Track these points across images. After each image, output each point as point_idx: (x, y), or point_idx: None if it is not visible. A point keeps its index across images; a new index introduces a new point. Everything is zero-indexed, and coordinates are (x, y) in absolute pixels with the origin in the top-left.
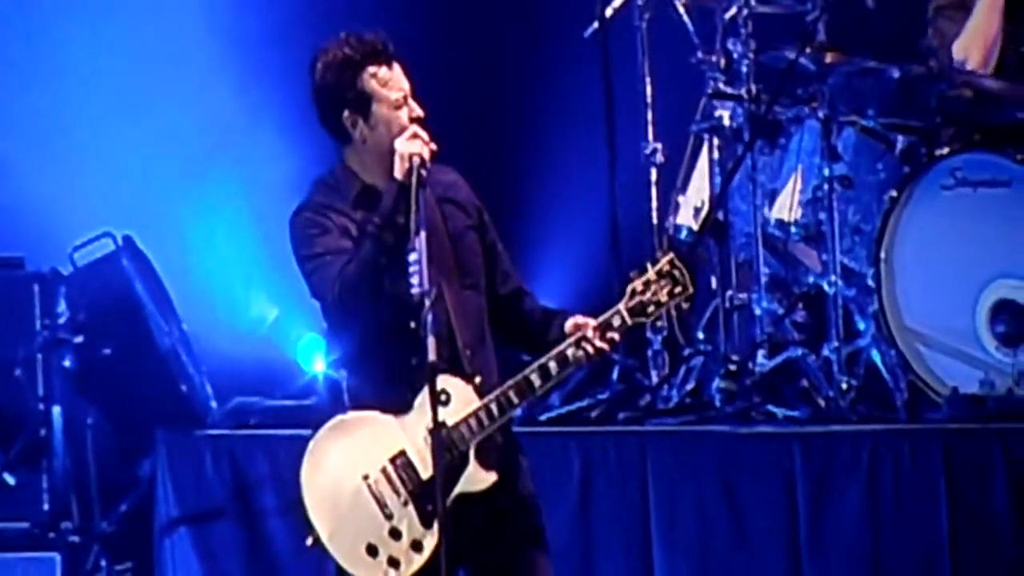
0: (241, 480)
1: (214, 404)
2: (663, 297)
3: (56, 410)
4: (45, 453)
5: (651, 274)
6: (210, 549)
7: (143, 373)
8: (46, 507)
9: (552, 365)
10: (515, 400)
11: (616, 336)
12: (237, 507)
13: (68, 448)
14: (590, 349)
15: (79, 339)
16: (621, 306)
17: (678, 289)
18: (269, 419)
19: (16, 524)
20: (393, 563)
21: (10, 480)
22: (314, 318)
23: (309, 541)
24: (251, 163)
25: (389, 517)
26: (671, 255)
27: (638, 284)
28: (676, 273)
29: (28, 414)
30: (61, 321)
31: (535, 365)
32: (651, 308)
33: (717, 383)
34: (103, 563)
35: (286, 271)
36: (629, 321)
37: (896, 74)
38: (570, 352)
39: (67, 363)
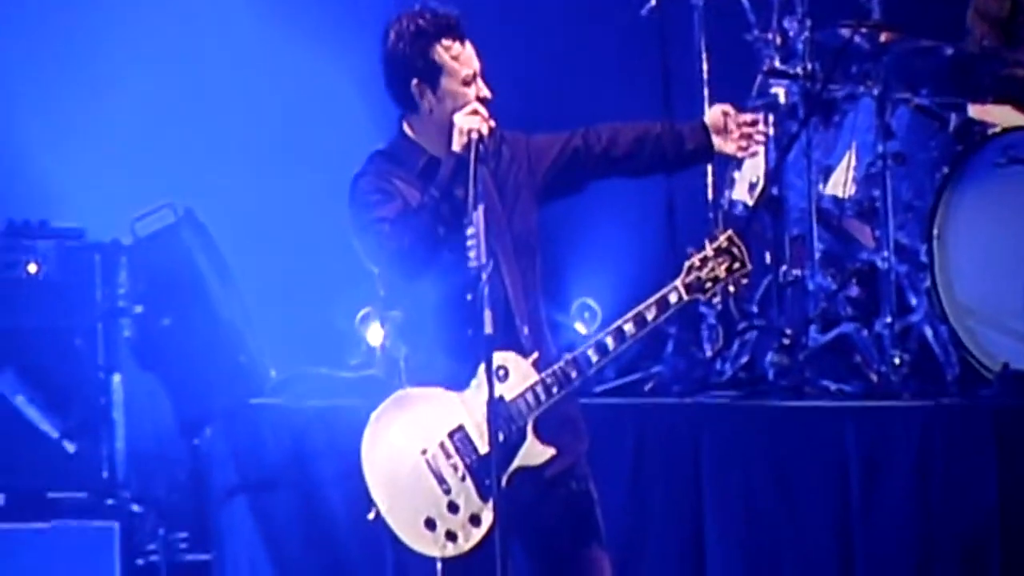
0: (298, 450)
1: (273, 374)
2: (721, 273)
3: (116, 379)
4: (105, 422)
5: (709, 250)
6: (267, 518)
7: (202, 343)
8: (105, 475)
9: (609, 341)
10: (572, 375)
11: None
12: (294, 477)
13: (127, 417)
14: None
15: (139, 309)
16: (678, 281)
17: (736, 265)
18: (327, 390)
19: (76, 493)
20: (451, 536)
21: (70, 448)
22: (374, 292)
23: (371, 515)
24: (317, 137)
25: (447, 491)
26: (730, 231)
27: (696, 260)
28: (735, 249)
29: (88, 383)
30: (121, 291)
31: (591, 341)
32: (708, 284)
33: (770, 357)
34: (160, 531)
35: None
36: (686, 296)
37: (950, 52)
38: (627, 327)
39: (127, 333)
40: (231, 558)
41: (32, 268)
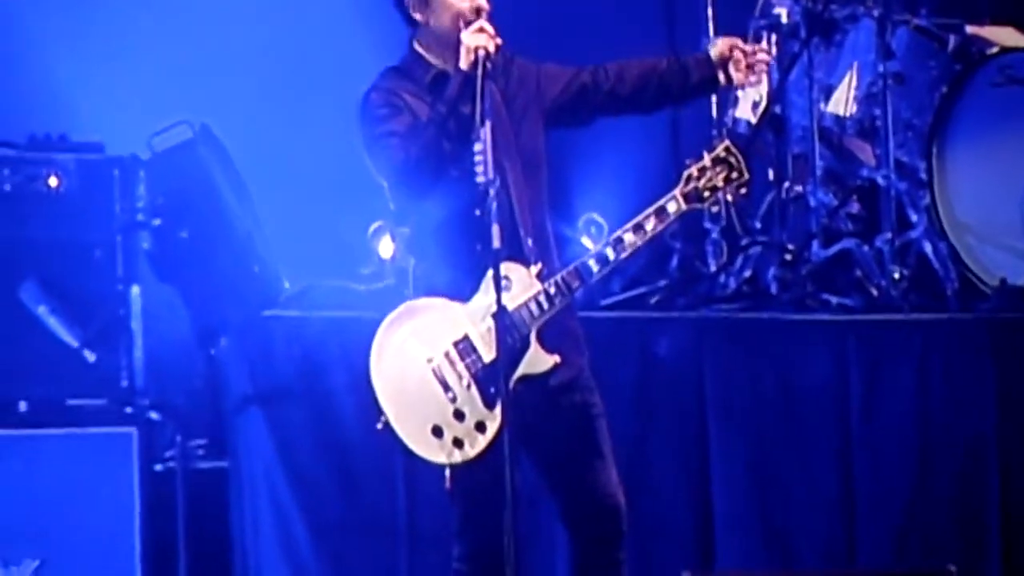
0: (311, 360)
1: (287, 286)
2: (719, 182)
3: (134, 290)
4: (124, 332)
5: (707, 160)
6: (280, 427)
7: (218, 256)
8: (124, 384)
9: (609, 251)
10: (573, 284)
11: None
12: (307, 387)
13: (146, 327)
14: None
15: (157, 222)
16: (677, 191)
17: (734, 175)
18: (339, 302)
19: (95, 400)
20: (457, 443)
21: (90, 357)
22: (385, 206)
23: (380, 424)
24: (329, 53)
25: (453, 399)
26: (727, 142)
27: (694, 170)
28: (732, 159)
29: (107, 294)
30: (140, 205)
31: (592, 252)
32: (706, 194)
33: (773, 272)
34: (177, 438)
35: (359, 162)
36: (684, 206)
37: None
38: (627, 237)
39: (145, 245)
40: (246, 465)
41: (52, 181)
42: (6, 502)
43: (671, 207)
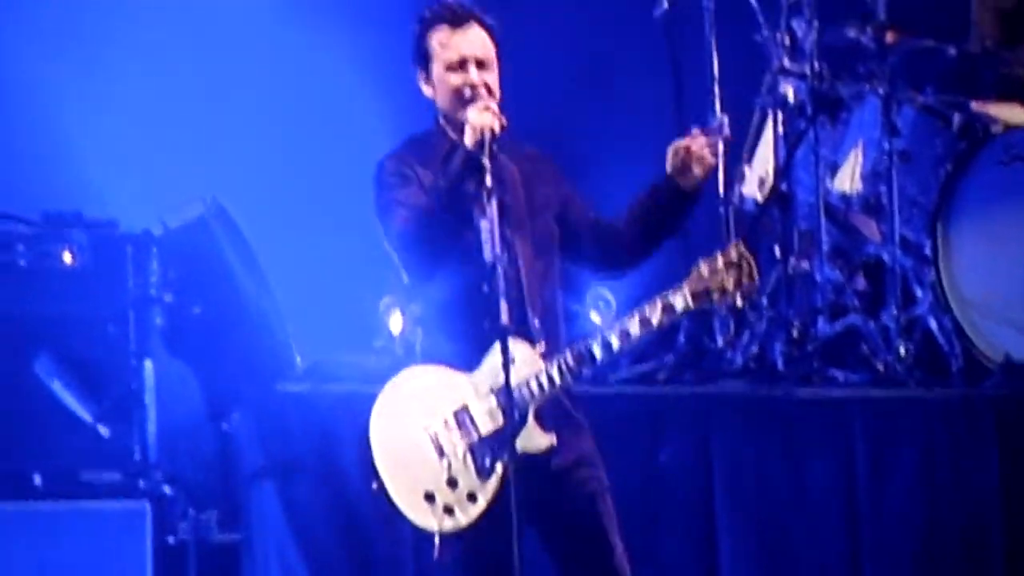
0: (323, 435)
1: (299, 360)
2: (728, 285)
3: (148, 364)
4: (137, 406)
5: (719, 261)
6: (293, 500)
7: (230, 331)
8: (137, 457)
9: (614, 340)
10: (575, 367)
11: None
12: (319, 461)
13: (159, 401)
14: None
15: (170, 297)
16: (686, 288)
17: (744, 279)
18: (351, 377)
19: (108, 473)
20: (448, 511)
21: (103, 431)
22: (397, 281)
23: (375, 485)
24: (341, 127)
25: (447, 467)
26: (740, 246)
27: (704, 269)
28: (744, 263)
29: (121, 368)
30: (153, 280)
31: (598, 336)
32: (715, 295)
33: (780, 347)
34: (190, 512)
35: (374, 235)
36: (692, 304)
37: (953, 52)
38: (632, 329)
39: (158, 320)
40: (259, 538)
41: (67, 257)
42: (21, 575)
43: (679, 304)
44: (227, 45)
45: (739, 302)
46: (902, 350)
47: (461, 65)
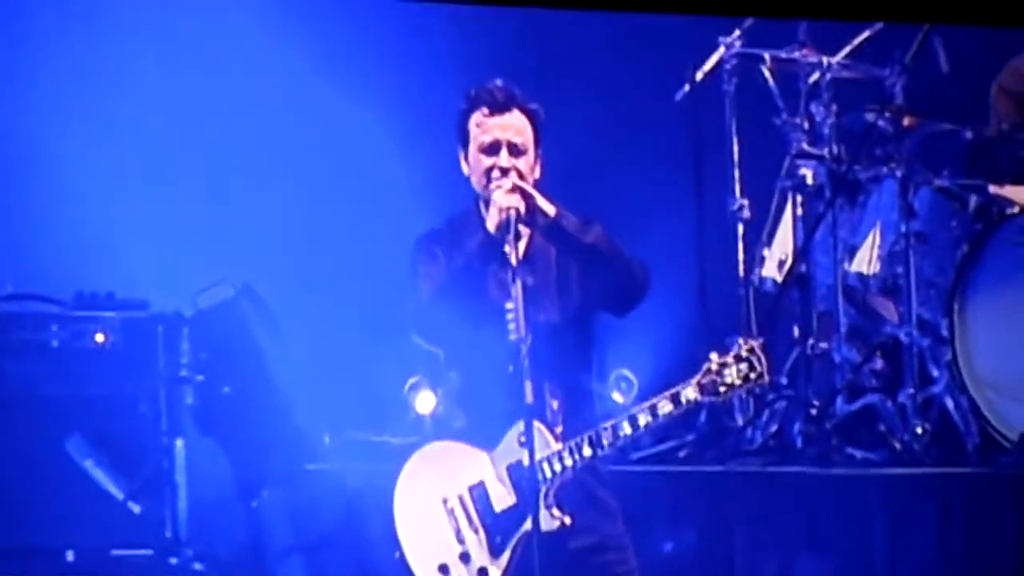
0: (351, 513)
1: (327, 439)
2: (737, 380)
3: (178, 443)
4: (168, 484)
5: (730, 357)
6: (321, 575)
7: (260, 410)
8: (168, 535)
9: (625, 425)
10: (587, 452)
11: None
12: (347, 537)
13: (189, 480)
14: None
15: (200, 377)
16: (694, 381)
17: (753, 375)
18: (377, 456)
19: (140, 551)
20: None
21: (135, 509)
22: (422, 360)
23: (397, 554)
24: (370, 211)
25: (461, 541)
26: (752, 343)
27: (715, 364)
28: (754, 359)
29: (152, 447)
30: (183, 360)
31: (609, 423)
32: (723, 388)
33: (799, 426)
34: None
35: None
36: (700, 397)
37: (969, 136)
38: (642, 418)
39: (189, 400)
40: None
41: (99, 338)
42: None
43: (688, 395)
44: (260, 127)
45: (744, 395)
46: (919, 429)
47: (494, 148)
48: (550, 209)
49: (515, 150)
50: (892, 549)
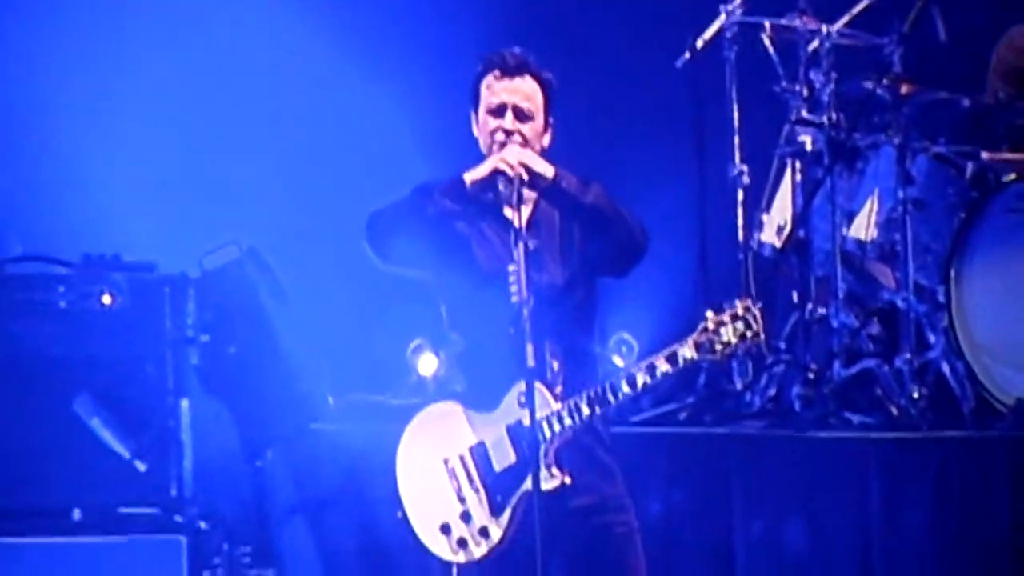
0: (354, 473)
1: (331, 400)
2: (733, 339)
3: (184, 403)
4: (173, 443)
5: (726, 315)
6: (324, 536)
7: (265, 371)
8: (173, 493)
9: (623, 385)
10: (585, 410)
11: None
12: (350, 498)
13: (195, 439)
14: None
15: (206, 338)
16: (691, 339)
17: (748, 333)
18: (381, 416)
19: (146, 509)
20: (462, 543)
21: (141, 467)
22: (425, 323)
23: (400, 514)
24: (376, 175)
25: (462, 501)
26: (748, 302)
27: (711, 322)
28: (750, 317)
29: (158, 407)
30: (189, 321)
31: (608, 381)
32: (719, 347)
33: (797, 390)
34: (225, 546)
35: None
36: (696, 355)
37: (966, 104)
38: (640, 376)
39: (194, 360)
40: (292, 573)
41: (106, 299)
42: None
43: (684, 353)
44: (266, 90)
45: (740, 352)
46: (915, 393)
47: (500, 111)
48: (548, 171)
49: (521, 115)
50: (888, 512)
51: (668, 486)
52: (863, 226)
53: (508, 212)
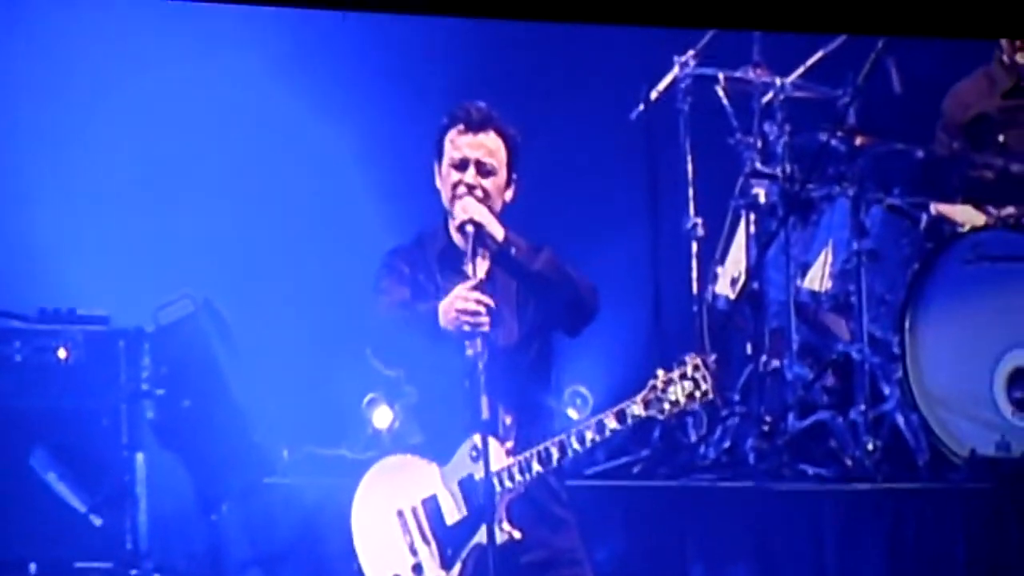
0: (308, 526)
1: (285, 453)
2: (681, 398)
3: (139, 457)
4: (129, 497)
5: (675, 374)
6: None
7: (219, 424)
8: (129, 547)
9: (573, 442)
10: (537, 467)
11: None
12: (305, 550)
13: (149, 493)
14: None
15: (161, 392)
16: (639, 397)
17: (698, 393)
18: (333, 468)
19: (101, 563)
20: None
21: (96, 521)
22: (380, 376)
23: (355, 566)
24: (329, 228)
25: (414, 553)
26: (697, 359)
27: (660, 381)
28: (699, 377)
29: (113, 461)
30: (144, 375)
31: (556, 439)
32: (666, 405)
33: (751, 442)
34: None
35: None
36: (643, 413)
37: (921, 155)
38: (588, 434)
39: (150, 414)
40: None
41: (62, 353)
42: None
43: (632, 411)
44: (219, 141)
45: (686, 410)
46: (870, 445)
47: (463, 165)
48: (498, 233)
49: (483, 169)
50: (843, 564)
51: (623, 538)
52: (817, 277)
53: (468, 267)
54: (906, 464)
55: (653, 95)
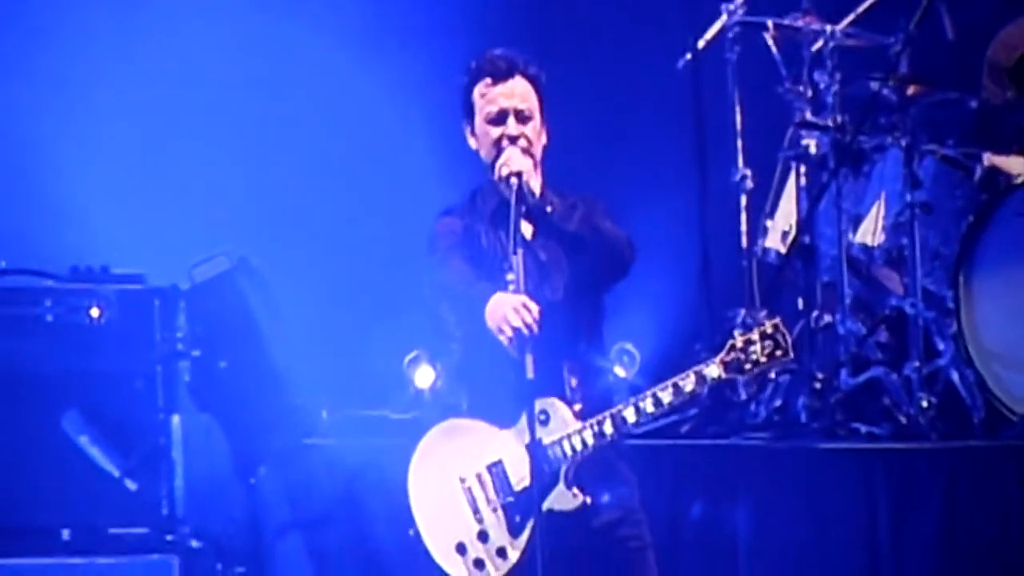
0: (349, 488)
1: (324, 415)
2: (762, 358)
3: (175, 420)
4: (164, 461)
5: (755, 334)
6: (319, 554)
7: (257, 385)
8: (165, 512)
9: (648, 406)
10: (608, 431)
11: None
12: (345, 514)
13: (186, 456)
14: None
15: (197, 352)
16: (719, 358)
17: (778, 352)
18: (376, 431)
19: (136, 528)
20: (478, 564)
21: (131, 486)
22: (421, 334)
23: (412, 531)
24: (371, 185)
25: (480, 520)
26: (777, 320)
27: (739, 341)
28: (779, 337)
29: (148, 423)
30: (180, 335)
31: (631, 401)
32: (748, 366)
33: (803, 400)
34: (218, 566)
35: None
36: (724, 375)
37: (974, 104)
38: (665, 396)
39: (185, 375)
40: None
41: (95, 312)
42: None
43: (711, 373)
44: (259, 98)
45: (771, 375)
46: (924, 402)
47: (501, 117)
48: (536, 188)
49: (522, 117)
50: (897, 523)
51: (673, 500)
52: (870, 231)
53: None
54: (961, 421)
55: (700, 44)
